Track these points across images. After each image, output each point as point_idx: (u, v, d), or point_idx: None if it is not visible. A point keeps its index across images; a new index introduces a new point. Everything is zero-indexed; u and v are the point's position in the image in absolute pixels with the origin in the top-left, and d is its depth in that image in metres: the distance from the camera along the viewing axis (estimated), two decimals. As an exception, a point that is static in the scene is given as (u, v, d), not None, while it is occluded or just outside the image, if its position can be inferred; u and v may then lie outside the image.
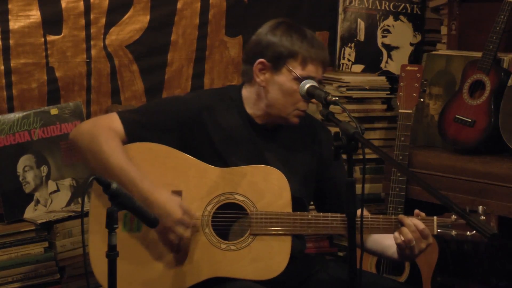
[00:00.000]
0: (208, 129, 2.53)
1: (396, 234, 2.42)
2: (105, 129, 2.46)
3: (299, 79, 2.48)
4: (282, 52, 2.49)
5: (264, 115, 2.58)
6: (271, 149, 2.59)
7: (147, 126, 2.51)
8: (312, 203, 2.76)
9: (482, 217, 2.45)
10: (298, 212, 2.47)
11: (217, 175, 2.48)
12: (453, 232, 2.45)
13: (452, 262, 3.58)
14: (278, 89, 2.51)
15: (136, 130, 2.50)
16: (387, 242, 2.54)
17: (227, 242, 2.47)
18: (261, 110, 2.57)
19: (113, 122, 2.50)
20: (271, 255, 2.45)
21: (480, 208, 2.48)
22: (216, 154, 2.52)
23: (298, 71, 2.48)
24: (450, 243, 2.48)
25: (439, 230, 2.45)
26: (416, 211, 2.48)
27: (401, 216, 2.43)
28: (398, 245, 2.42)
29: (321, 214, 2.48)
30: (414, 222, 2.41)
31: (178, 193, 2.46)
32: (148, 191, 2.40)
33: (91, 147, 2.43)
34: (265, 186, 2.47)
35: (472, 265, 3.92)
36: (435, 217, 2.47)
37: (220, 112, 2.57)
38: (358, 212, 2.19)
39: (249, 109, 2.59)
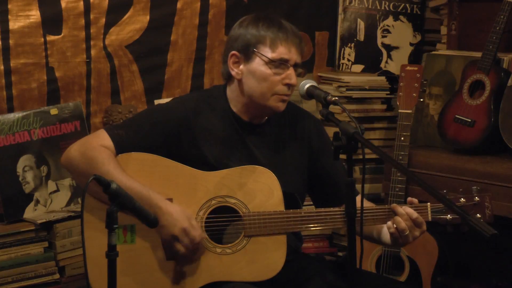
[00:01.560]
0: (195, 134, 2.53)
1: (390, 223, 2.42)
2: (98, 149, 2.45)
3: (270, 62, 2.48)
4: (249, 40, 2.51)
5: (248, 110, 2.57)
6: (259, 146, 2.58)
7: (135, 140, 2.50)
8: (310, 201, 2.75)
9: (476, 198, 2.46)
10: (291, 210, 2.47)
11: (206, 179, 2.48)
12: (448, 216, 2.46)
13: (452, 262, 3.58)
14: (253, 77, 2.51)
15: (125, 145, 2.49)
16: (379, 228, 2.54)
17: (222, 246, 2.47)
18: (245, 105, 2.57)
19: (103, 140, 2.48)
20: (267, 255, 2.45)
21: (474, 188, 2.49)
22: (205, 158, 2.52)
23: (268, 55, 2.48)
24: (446, 227, 2.48)
25: (433, 216, 2.46)
26: (409, 198, 2.48)
27: (394, 205, 2.43)
28: (391, 234, 2.42)
29: (314, 210, 2.49)
30: (407, 210, 2.41)
31: (169, 201, 2.46)
32: (157, 204, 2.40)
33: (89, 171, 2.39)
34: (256, 186, 2.47)
35: (472, 265, 3.93)
36: (428, 203, 2.47)
37: (206, 114, 2.57)
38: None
39: (234, 107, 2.59)
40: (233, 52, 2.53)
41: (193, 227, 2.41)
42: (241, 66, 2.53)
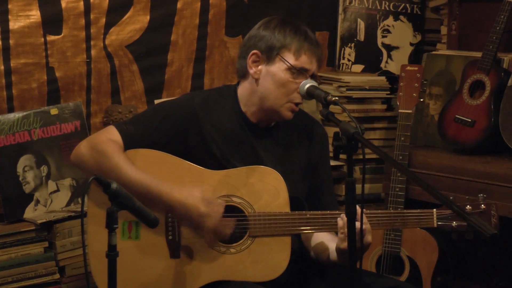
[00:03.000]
0: (203, 131, 2.53)
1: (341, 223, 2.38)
2: (107, 143, 2.46)
3: (292, 69, 2.48)
4: (275, 44, 2.51)
5: (258, 111, 2.57)
6: (266, 149, 2.58)
7: (144, 135, 2.51)
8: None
9: (482, 206, 2.46)
10: (297, 212, 2.47)
11: (213, 178, 2.48)
12: (454, 223, 2.45)
13: (452, 262, 3.58)
14: (271, 80, 2.51)
15: (134, 140, 2.50)
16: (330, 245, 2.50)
17: (227, 245, 2.47)
18: (255, 106, 2.56)
19: (111, 135, 2.49)
20: (271, 255, 2.45)
21: (480, 196, 2.49)
22: (212, 156, 2.52)
23: (291, 61, 2.48)
24: (451, 234, 2.48)
25: (439, 223, 2.45)
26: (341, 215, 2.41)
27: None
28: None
29: (319, 212, 2.48)
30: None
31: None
32: (167, 195, 2.41)
33: (99, 166, 2.41)
34: (262, 187, 2.47)
35: (472, 265, 3.93)
36: (434, 210, 2.46)
37: (214, 112, 2.57)
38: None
39: (244, 107, 2.59)
40: (255, 51, 2.53)
41: (210, 208, 2.39)
42: (260, 66, 2.53)
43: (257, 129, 2.59)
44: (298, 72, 2.48)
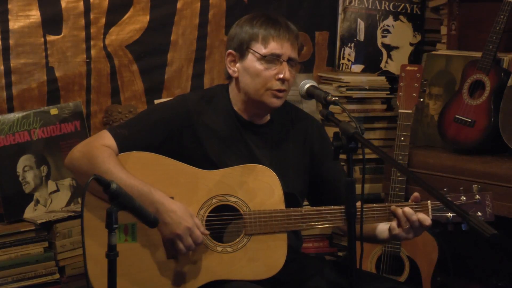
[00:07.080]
0: (197, 131, 2.54)
1: (394, 224, 2.45)
2: (100, 149, 2.46)
3: (263, 58, 2.51)
4: (244, 38, 2.55)
5: (247, 107, 2.59)
6: (260, 146, 2.60)
7: (138, 138, 2.52)
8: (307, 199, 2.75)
9: (477, 196, 2.47)
10: (292, 208, 2.48)
11: (207, 178, 2.48)
12: (449, 214, 2.46)
13: (452, 262, 3.58)
14: (247, 74, 2.54)
15: (128, 144, 2.51)
16: (374, 226, 2.55)
17: (223, 244, 2.47)
18: (243, 103, 2.59)
19: (105, 140, 2.50)
20: (268, 253, 2.46)
21: (475, 187, 2.49)
22: (206, 155, 2.53)
23: (261, 51, 2.52)
24: (447, 226, 2.49)
25: (434, 214, 2.46)
26: (414, 195, 2.49)
27: (394, 208, 2.44)
28: (395, 234, 2.44)
29: (314, 208, 2.49)
30: (406, 213, 2.42)
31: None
32: (159, 201, 2.41)
33: (90, 170, 2.41)
34: (256, 185, 2.48)
35: (472, 265, 3.92)
36: (428, 201, 2.47)
37: (208, 112, 2.58)
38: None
39: (235, 106, 2.62)
40: (230, 51, 2.58)
41: (198, 226, 2.41)
42: (237, 64, 2.57)
43: (250, 127, 2.60)
44: (270, 59, 2.51)
